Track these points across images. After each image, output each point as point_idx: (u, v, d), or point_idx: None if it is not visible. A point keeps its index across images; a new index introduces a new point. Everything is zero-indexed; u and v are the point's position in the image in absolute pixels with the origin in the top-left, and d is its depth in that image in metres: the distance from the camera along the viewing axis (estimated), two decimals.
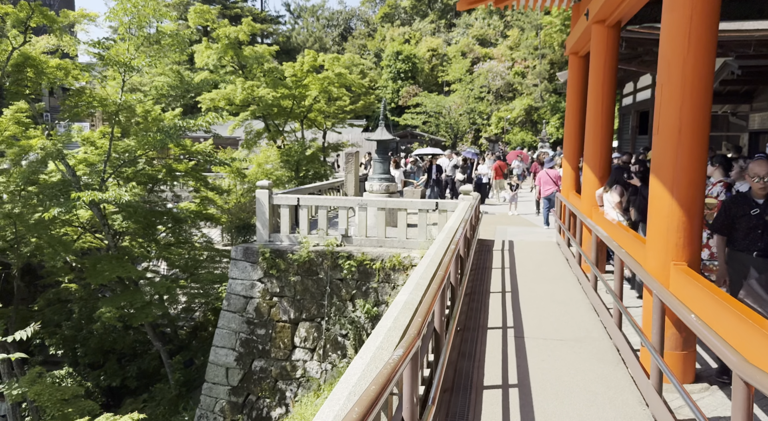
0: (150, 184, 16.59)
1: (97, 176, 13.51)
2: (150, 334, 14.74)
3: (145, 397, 15.22)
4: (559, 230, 12.32)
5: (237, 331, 12.69)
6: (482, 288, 8.16)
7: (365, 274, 12.05)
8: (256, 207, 12.79)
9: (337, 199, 12.90)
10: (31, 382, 10.79)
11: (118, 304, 13.09)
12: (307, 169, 21.34)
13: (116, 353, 16.10)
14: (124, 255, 14.00)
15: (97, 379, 15.50)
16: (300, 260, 12.14)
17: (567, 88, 12.50)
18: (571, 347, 5.72)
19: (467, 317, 6.64)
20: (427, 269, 5.35)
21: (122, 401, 15.70)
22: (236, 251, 12.65)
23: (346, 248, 12.36)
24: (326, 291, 12.30)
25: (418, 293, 4.58)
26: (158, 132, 12.78)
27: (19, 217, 11.36)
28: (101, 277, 12.86)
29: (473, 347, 5.63)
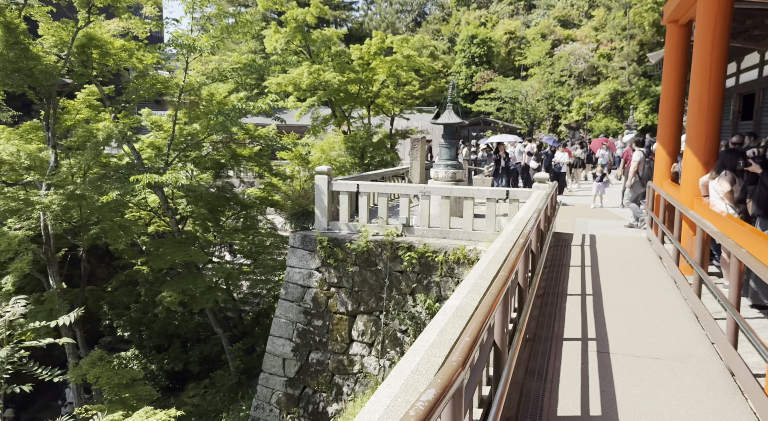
0: (216, 170, 16.58)
1: (161, 160, 13.52)
2: (211, 319, 14.72)
3: (207, 383, 15.29)
4: (650, 223, 10.88)
5: (294, 321, 12.29)
6: (557, 289, 7.09)
7: (427, 267, 11.22)
8: (315, 193, 12.28)
9: (398, 186, 12.12)
10: (92, 364, 10.89)
11: (179, 288, 13.07)
12: (372, 156, 20.71)
13: (180, 338, 16.32)
14: (188, 240, 13.98)
15: (161, 362, 15.77)
16: (358, 249, 11.50)
17: (664, 64, 10.99)
18: (670, 368, 4.62)
19: (538, 324, 5.66)
20: (489, 266, 4.44)
21: (185, 385, 15.89)
22: (294, 238, 12.21)
23: (407, 238, 11.57)
24: (385, 283, 11.59)
25: (474, 296, 3.71)
26: (219, 114, 12.54)
27: (83, 199, 11.53)
28: (162, 261, 12.87)
29: (545, 363, 4.67)
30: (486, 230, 11.23)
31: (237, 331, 17.25)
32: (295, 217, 12.77)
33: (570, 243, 10.83)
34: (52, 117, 12.52)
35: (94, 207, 12.26)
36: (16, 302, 6.99)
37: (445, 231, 11.53)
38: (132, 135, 13.66)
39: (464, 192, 11.43)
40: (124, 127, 12.73)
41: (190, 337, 16.44)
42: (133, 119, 15.05)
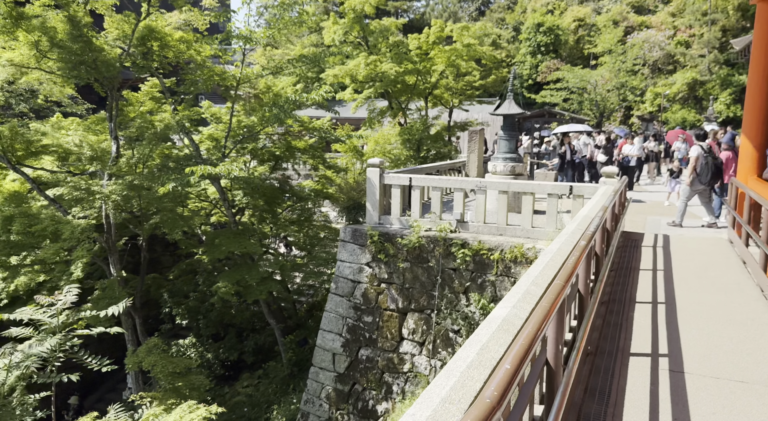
0: (273, 162, 16.67)
1: (219, 152, 13.68)
2: (265, 311, 14.83)
3: (260, 373, 15.45)
4: (732, 223, 9.87)
5: (344, 316, 12.12)
6: (624, 296, 6.45)
7: (481, 265, 10.71)
8: (367, 186, 12.01)
9: (453, 179, 11.64)
10: (148, 352, 11.15)
11: (234, 279, 13.21)
12: (428, 148, 20.23)
13: (235, 327, 16.60)
14: (244, 231, 14.11)
15: (217, 351, 16.09)
16: (410, 245, 11.14)
17: (752, 49, 9.90)
18: (759, 395, 3.98)
19: (601, 336, 5.10)
20: (544, 271, 3.97)
21: (240, 375, 16.14)
22: (345, 232, 12.01)
23: (461, 234, 11.09)
24: (437, 281, 11.18)
25: (524, 306, 3.26)
26: (273, 106, 12.50)
27: (142, 189, 11.82)
28: (218, 251, 13.03)
29: (607, 382, 4.14)
30: (546, 227, 10.59)
31: (291, 322, 17.35)
32: (347, 210, 12.56)
33: (640, 244, 10.01)
34: (114, 108, 12.92)
35: (153, 197, 12.56)
36: (69, 290, 7.12)
37: (501, 228, 10.97)
38: (191, 127, 13.89)
39: (523, 187, 10.80)
40: (182, 119, 12.95)
41: (245, 327, 16.69)
42: (193, 111, 15.33)
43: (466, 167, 17.50)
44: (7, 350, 6.51)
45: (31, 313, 6.81)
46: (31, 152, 12.75)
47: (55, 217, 11.37)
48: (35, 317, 6.69)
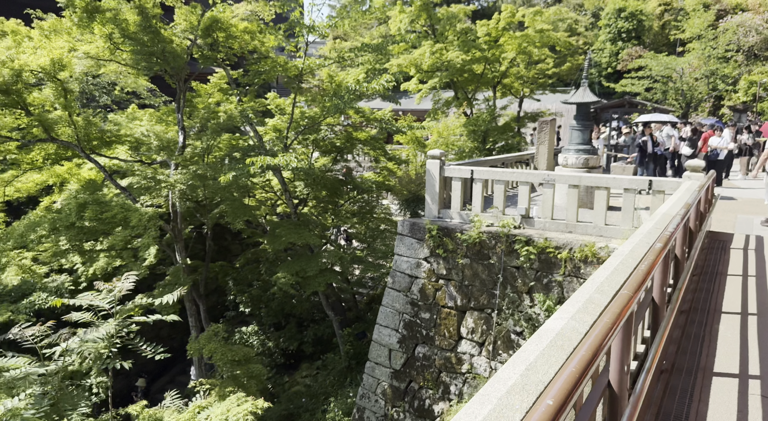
0: (335, 153, 16.63)
1: (281, 143, 13.75)
2: (323, 302, 14.85)
3: (319, 364, 15.52)
4: None
5: (401, 311, 11.85)
6: (708, 305, 5.73)
7: (547, 264, 10.08)
8: (426, 179, 11.63)
9: (517, 172, 11.02)
10: (208, 339, 11.39)
11: (293, 270, 13.27)
12: (495, 140, 19.50)
13: (296, 318, 16.76)
14: (304, 222, 14.15)
15: (278, 340, 16.32)
16: (470, 240, 10.67)
17: None
18: None
19: (679, 351, 4.50)
20: (612, 276, 3.47)
21: (300, 364, 16.31)
22: (403, 225, 11.71)
23: (526, 231, 10.50)
24: (498, 279, 10.65)
25: (585, 317, 2.82)
26: (333, 97, 12.37)
27: (206, 179, 12.07)
28: (278, 242, 13.12)
29: (684, 407, 3.59)
30: (621, 225, 9.80)
31: (351, 315, 17.33)
32: (407, 203, 12.24)
33: (728, 245, 9.03)
34: (182, 99, 13.27)
35: (217, 187, 12.81)
36: (126, 277, 7.25)
37: (571, 225, 10.27)
38: (255, 117, 14.04)
39: (596, 181, 10.04)
40: (246, 110, 13.10)
41: (305, 317, 16.83)
42: (258, 102, 15.51)
43: (535, 160, 16.67)
44: (63, 335, 6.71)
45: (90, 298, 6.99)
46: (104, 142, 13.35)
47: (125, 205, 11.85)
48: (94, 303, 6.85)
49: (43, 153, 13.50)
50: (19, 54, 10.57)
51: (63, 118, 11.49)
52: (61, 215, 11.86)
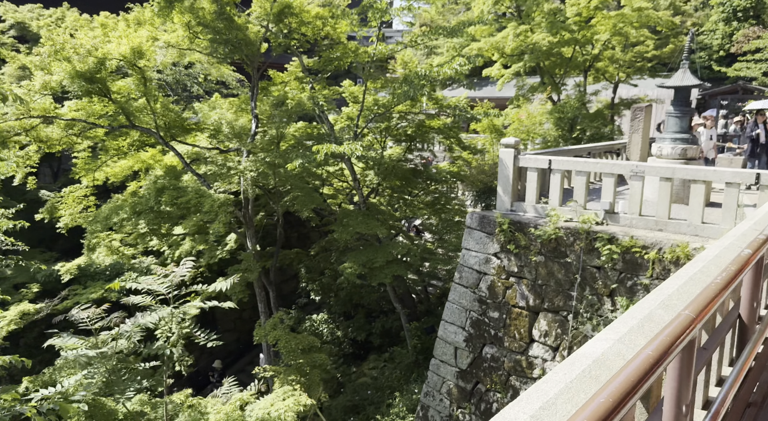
0: (409, 142, 16.27)
1: (351, 131, 13.59)
2: (391, 295, 14.60)
3: (387, 357, 15.34)
4: None
5: (468, 309, 11.31)
6: None
7: (632, 265, 9.13)
8: (499, 169, 10.97)
9: (601, 163, 10.04)
10: (273, 326, 11.50)
11: (360, 260, 13.12)
12: (584, 128, 18.19)
13: (364, 308, 16.67)
14: (373, 212, 13.95)
15: (346, 330, 16.31)
16: (545, 236, 9.91)
17: None
18: None
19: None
20: (687, 286, 2.84)
21: (368, 355, 16.22)
22: (472, 218, 11.13)
23: (609, 227, 9.58)
24: (576, 280, 9.82)
25: (638, 339, 2.26)
26: (403, 83, 11.97)
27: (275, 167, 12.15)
28: (345, 231, 13.01)
29: None
30: (722, 224, 8.66)
31: (422, 307, 16.98)
32: (479, 194, 11.65)
33: None
34: (255, 87, 13.46)
35: (288, 175, 12.89)
36: (184, 263, 7.33)
37: (661, 222, 9.23)
38: (327, 105, 13.96)
39: (693, 173, 8.93)
40: (317, 97, 13.04)
41: (374, 308, 16.69)
42: (332, 90, 15.44)
43: (627, 150, 15.31)
44: (115, 319, 6.89)
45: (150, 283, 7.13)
46: (184, 129, 13.85)
47: (199, 190, 12.22)
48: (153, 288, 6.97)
49: (128, 139, 14.26)
50: (104, 44, 11.17)
51: (142, 105, 12.04)
52: (141, 199, 12.47)
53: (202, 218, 11.94)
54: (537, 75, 21.83)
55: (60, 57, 10.75)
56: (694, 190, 8.89)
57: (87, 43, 10.80)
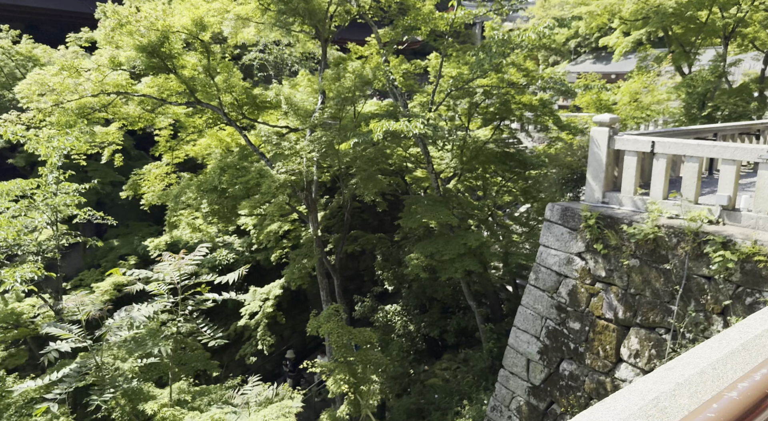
0: (496, 121, 14.85)
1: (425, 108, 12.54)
2: (465, 291, 13.48)
3: (461, 357, 14.28)
4: None
5: (544, 316, 9.91)
6: None
7: (754, 276, 7.28)
8: (589, 152, 9.36)
9: (719, 146, 8.06)
10: (327, 318, 10.95)
11: (428, 251, 12.17)
12: (716, 105, 15.46)
13: (440, 302, 15.63)
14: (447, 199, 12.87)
15: (419, 324, 15.41)
16: (641, 236, 8.26)
17: None
18: None
19: None
20: None
21: (443, 354, 15.26)
22: (552, 210, 9.66)
23: (725, 228, 7.74)
24: (678, 291, 8.07)
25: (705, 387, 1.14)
26: (480, 51, 10.63)
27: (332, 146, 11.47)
28: (412, 220, 12.11)
29: None
30: None
31: (506, 307, 15.63)
32: (565, 182, 10.14)
33: None
34: (324, 61, 12.84)
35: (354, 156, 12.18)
36: (199, 249, 6.89)
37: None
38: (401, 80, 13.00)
39: None
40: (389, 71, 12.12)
41: (450, 303, 15.60)
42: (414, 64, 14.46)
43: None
44: (101, 311, 6.58)
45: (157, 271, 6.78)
46: (257, 107, 13.65)
47: (262, 171, 11.93)
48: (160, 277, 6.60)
49: (204, 117, 14.38)
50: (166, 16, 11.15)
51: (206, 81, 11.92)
52: (207, 178, 12.47)
53: (260, 199, 11.63)
54: (665, 46, 19.09)
55: (125, 31, 10.86)
56: None
57: (150, 16, 10.82)
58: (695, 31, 17.54)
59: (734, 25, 17.89)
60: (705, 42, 19.69)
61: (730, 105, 15.64)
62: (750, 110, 15.95)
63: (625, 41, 18.05)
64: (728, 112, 16.29)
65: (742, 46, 20.96)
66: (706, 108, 15.68)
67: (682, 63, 17.77)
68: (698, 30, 17.32)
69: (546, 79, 12.73)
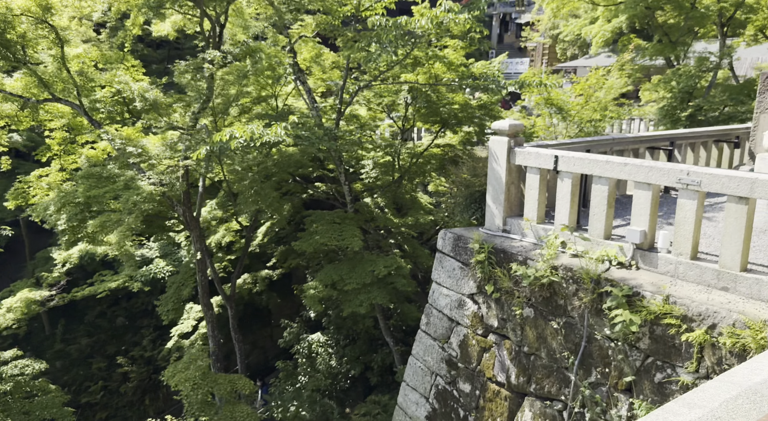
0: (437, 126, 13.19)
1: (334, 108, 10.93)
2: (381, 325, 11.85)
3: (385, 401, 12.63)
4: None
5: (434, 371, 8.26)
6: None
7: (665, 345, 5.62)
8: (489, 167, 7.69)
9: (631, 164, 6.24)
10: (186, 365, 9.41)
11: (329, 279, 10.57)
12: (700, 104, 13.57)
13: (368, 334, 13.95)
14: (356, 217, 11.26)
15: (341, 359, 13.76)
16: (530, 279, 6.55)
17: None
18: None
19: None
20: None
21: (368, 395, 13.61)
22: (444, 239, 8.01)
23: (637, 274, 6.08)
24: (572, 359, 6.37)
25: None
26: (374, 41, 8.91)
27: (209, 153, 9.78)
28: (308, 243, 10.53)
29: None
30: None
31: None
32: (468, 202, 8.52)
33: None
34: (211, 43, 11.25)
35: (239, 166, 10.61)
36: None
37: (728, 275, 5.57)
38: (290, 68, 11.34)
39: None
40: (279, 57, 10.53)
41: (378, 335, 13.92)
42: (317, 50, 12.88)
43: (751, 138, 10.79)
44: None
45: None
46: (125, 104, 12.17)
47: (130, 181, 10.42)
48: None
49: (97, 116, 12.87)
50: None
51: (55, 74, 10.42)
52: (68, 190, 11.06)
53: (114, 218, 10.11)
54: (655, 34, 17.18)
55: None
56: None
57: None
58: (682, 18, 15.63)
59: (732, 11, 15.94)
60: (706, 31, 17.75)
61: (716, 104, 13.72)
62: (742, 111, 14.02)
63: (601, 31, 16.19)
64: (718, 113, 14.39)
65: (756, 37, 19.00)
66: (688, 108, 13.77)
67: (667, 55, 15.82)
68: (685, 17, 15.40)
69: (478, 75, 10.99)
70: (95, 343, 27.06)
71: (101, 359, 26.06)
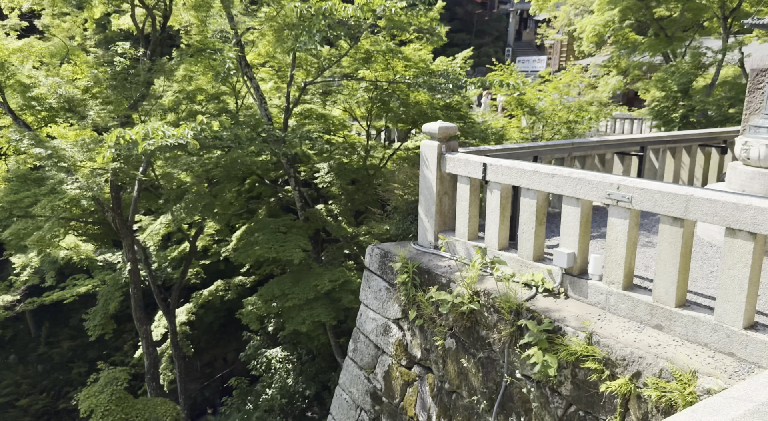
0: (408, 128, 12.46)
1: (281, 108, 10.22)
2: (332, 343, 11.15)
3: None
4: None
5: (359, 405, 7.53)
6: None
7: (587, 391, 4.84)
8: (420, 175, 6.95)
9: (558, 176, 5.43)
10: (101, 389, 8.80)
11: (271, 294, 9.91)
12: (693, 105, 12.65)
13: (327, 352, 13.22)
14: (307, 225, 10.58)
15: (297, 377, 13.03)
16: (450, 305, 5.80)
17: None
18: None
19: None
20: None
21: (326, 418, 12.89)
22: (372, 255, 7.28)
23: (565, 304, 5.35)
24: (490, 401, 5.61)
25: None
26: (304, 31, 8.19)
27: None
28: (245, 254, 9.88)
29: None
30: None
31: None
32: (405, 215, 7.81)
33: None
34: None
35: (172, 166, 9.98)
36: None
37: (663, 311, 4.79)
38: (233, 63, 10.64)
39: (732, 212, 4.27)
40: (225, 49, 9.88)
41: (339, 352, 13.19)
42: None
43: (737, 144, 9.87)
44: None
45: None
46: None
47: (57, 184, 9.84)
48: None
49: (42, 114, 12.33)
50: None
51: None
52: None
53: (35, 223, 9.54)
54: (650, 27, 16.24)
55: None
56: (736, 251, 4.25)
57: None
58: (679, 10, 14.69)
59: (737, 1, 14.95)
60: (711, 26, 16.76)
61: (709, 105, 12.78)
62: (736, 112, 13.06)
63: (591, 24, 15.31)
64: (714, 114, 13.45)
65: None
66: (679, 108, 12.85)
67: (663, 51, 14.88)
68: (683, 9, 14.45)
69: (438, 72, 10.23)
70: (78, 347, 26.75)
71: (82, 363, 25.72)
